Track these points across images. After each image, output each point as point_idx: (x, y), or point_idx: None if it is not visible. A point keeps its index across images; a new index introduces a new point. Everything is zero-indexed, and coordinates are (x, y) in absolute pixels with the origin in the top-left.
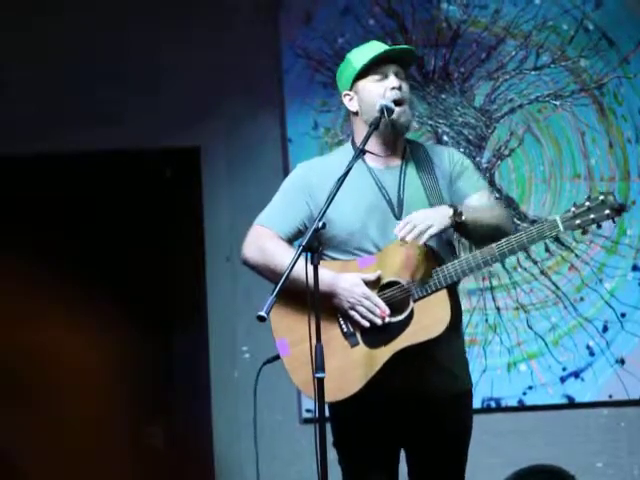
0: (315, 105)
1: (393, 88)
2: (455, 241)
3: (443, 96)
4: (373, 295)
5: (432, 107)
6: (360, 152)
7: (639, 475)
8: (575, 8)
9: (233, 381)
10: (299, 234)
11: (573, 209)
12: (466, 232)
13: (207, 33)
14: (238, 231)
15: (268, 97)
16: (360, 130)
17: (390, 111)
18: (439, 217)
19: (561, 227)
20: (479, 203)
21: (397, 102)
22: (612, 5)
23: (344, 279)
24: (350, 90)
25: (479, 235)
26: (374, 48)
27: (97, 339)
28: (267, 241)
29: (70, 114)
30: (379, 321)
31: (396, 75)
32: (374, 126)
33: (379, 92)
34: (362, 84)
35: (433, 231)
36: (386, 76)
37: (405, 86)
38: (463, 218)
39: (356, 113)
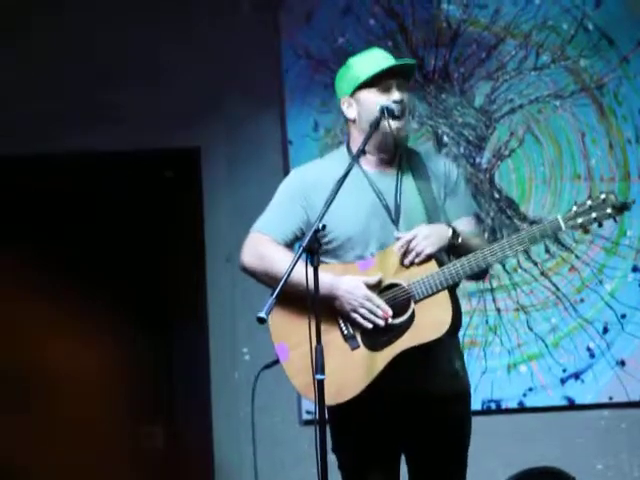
0: (315, 105)
1: (395, 102)
2: None
3: (443, 96)
4: (375, 297)
5: (432, 107)
6: (361, 152)
7: (639, 477)
8: (575, 8)
9: (233, 382)
10: (296, 240)
11: (575, 208)
12: (452, 251)
13: (207, 33)
14: (238, 231)
15: (268, 97)
16: (356, 136)
17: (390, 111)
18: (439, 238)
19: (563, 226)
20: (467, 228)
21: (398, 115)
22: (612, 5)
23: (344, 282)
24: (350, 97)
25: (459, 256)
26: (379, 60)
27: (97, 339)
28: (265, 247)
29: (70, 114)
30: (382, 322)
31: (398, 88)
32: (374, 127)
33: (381, 104)
34: (364, 94)
35: (429, 251)
36: (389, 89)
37: (406, 98)
38: (459, 241)
39: (354, 120)
